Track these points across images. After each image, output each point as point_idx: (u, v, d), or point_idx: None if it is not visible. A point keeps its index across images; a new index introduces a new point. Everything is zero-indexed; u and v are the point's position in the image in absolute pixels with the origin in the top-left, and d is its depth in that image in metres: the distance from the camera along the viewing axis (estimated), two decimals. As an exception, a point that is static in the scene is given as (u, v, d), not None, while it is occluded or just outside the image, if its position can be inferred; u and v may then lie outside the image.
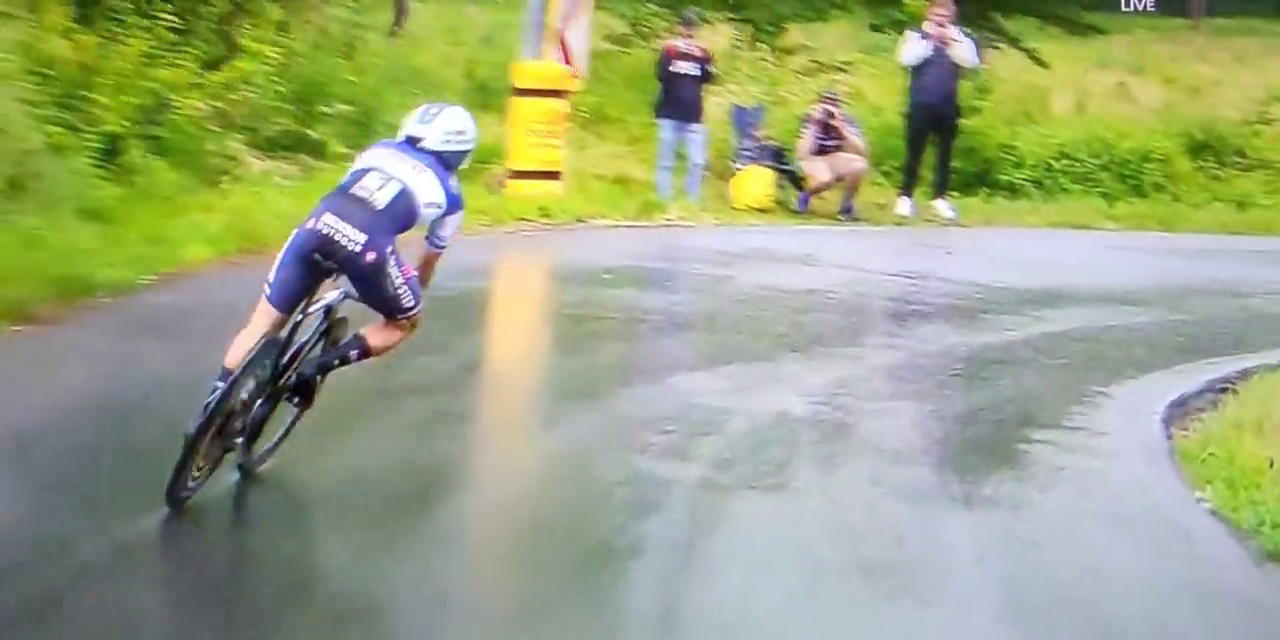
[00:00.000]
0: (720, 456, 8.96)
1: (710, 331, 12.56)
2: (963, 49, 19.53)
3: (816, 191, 19.32)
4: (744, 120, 20.16)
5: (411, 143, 7.80)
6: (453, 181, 7.83)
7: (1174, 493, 9.03)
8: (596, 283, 13.57)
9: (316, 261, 7.51)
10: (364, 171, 7.71)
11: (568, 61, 18.83)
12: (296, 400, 7.98)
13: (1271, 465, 9.28)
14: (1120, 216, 20.42)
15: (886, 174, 20.68)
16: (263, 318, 7.57)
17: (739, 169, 19.60)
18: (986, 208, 20.42)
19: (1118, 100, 27.20)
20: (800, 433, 9.70)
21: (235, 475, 7.75)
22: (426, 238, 7.98)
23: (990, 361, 12.01)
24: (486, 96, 19.62)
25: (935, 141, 19.89)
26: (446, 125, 7.86)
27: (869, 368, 11.63)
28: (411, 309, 7.78)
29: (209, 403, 7.22)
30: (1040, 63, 25.44)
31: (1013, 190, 21.48)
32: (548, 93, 17.71)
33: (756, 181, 19.41)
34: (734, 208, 19.05)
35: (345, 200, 7.59)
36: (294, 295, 7.61)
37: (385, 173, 7.66)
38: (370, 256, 7.47)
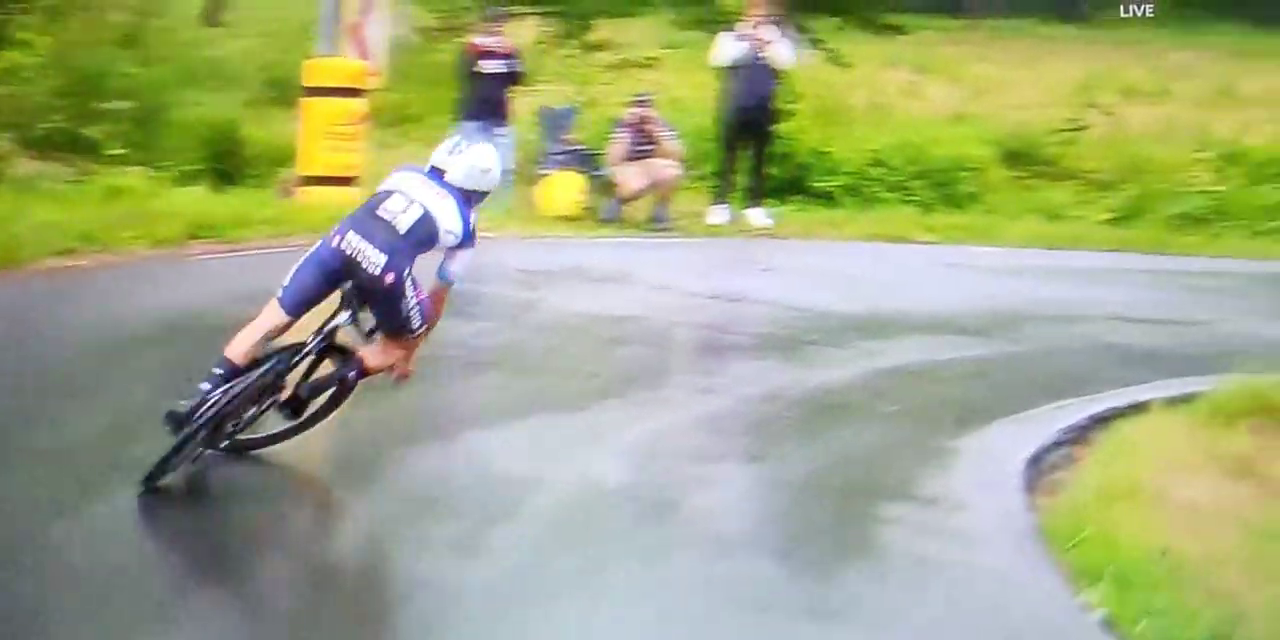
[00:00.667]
0: (520, 550, 7.06)
1: (513, 371, 10.52)
2: (779, 50, 17.75)
3: (629, 200, 17.44)
4: (553, 122, 18.19)
5: (436, 173, 7.77)
6: (472, 216, 7.81)
7: (1055, 594, 7.25)
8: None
9: (335, 278, 7.53)
10: (388, 193, 7.74)
11: (365, 58, 16.70)
12: (287, 413, 7.87)
13: (1164, 554, 7.61)
14: (937, 228, 18.64)
15: (700, 179, 18.87)
16: (269, 317, 7.54)
17: (547, 174, 17.65)
18: (802, 217, 18.60)
19: (910, 100, 25.79)
20: (616, 512, 7.83)
21: None
22: (437, 272, 7.91)
23: (824, 408, 10.20)
24: (286, 92, 17.53)
25: (750, 147, 18.13)
26: (472, 161, 7.83)
27: (691, 417, 9.75)
28: (417, 330, 7.76)
29: (213, 400, 7.24)
30: (842, 64, 23.73)
31: (827, 198, 19.73)
32: (343, 92, 15.57)
33: (565, 188, 17.45)
34: (542, 216, 17.08)
35: (369, 220, 7.62)
36: (305, 302, 7.59)
37: (409, 196, 7.67)
38: (389, 278, 7.48)
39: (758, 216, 17.91)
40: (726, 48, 17.74)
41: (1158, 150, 21.46)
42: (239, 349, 7.41)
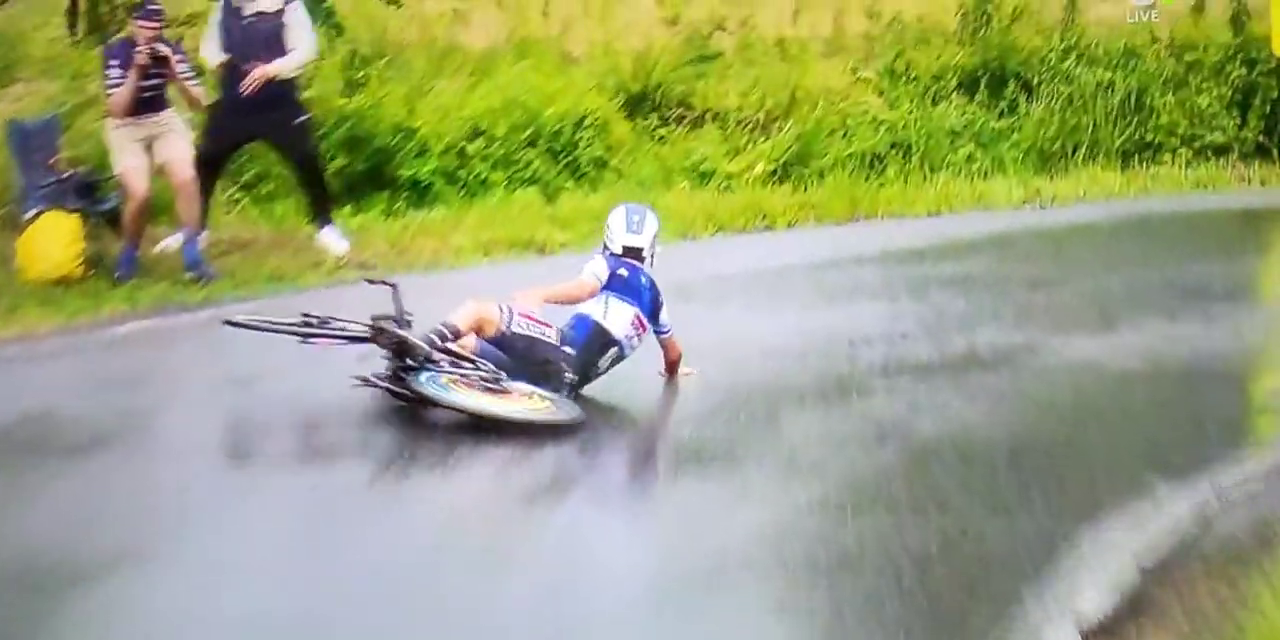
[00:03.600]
0: None
1: None
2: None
3: (137, 218, 10.88)
4: (28, 142, 11.51)
5: None
6: None
7: None
8: None
9: None
10: None
11: None
12: None
13: None
14: (571, 220, 12.69)
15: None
16: None
17: (30, 219, 11.08)
18: (393, 227, 12.47)
19: (461, 29, 19.62)
20: None
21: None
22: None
23: None
24: None
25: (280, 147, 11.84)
26: None
27: None
28: None
29: None
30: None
31: (419, 190, 13.66)
32: None
33: (56, 236, 10.86)
34: (25, 284, 10.54)
35: None
36: None
37: None
38: None
39: (331, 239, 11.73)
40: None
41: (809, 72, 15.87)
42: None
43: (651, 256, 7.96)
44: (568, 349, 7.56)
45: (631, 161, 14.43)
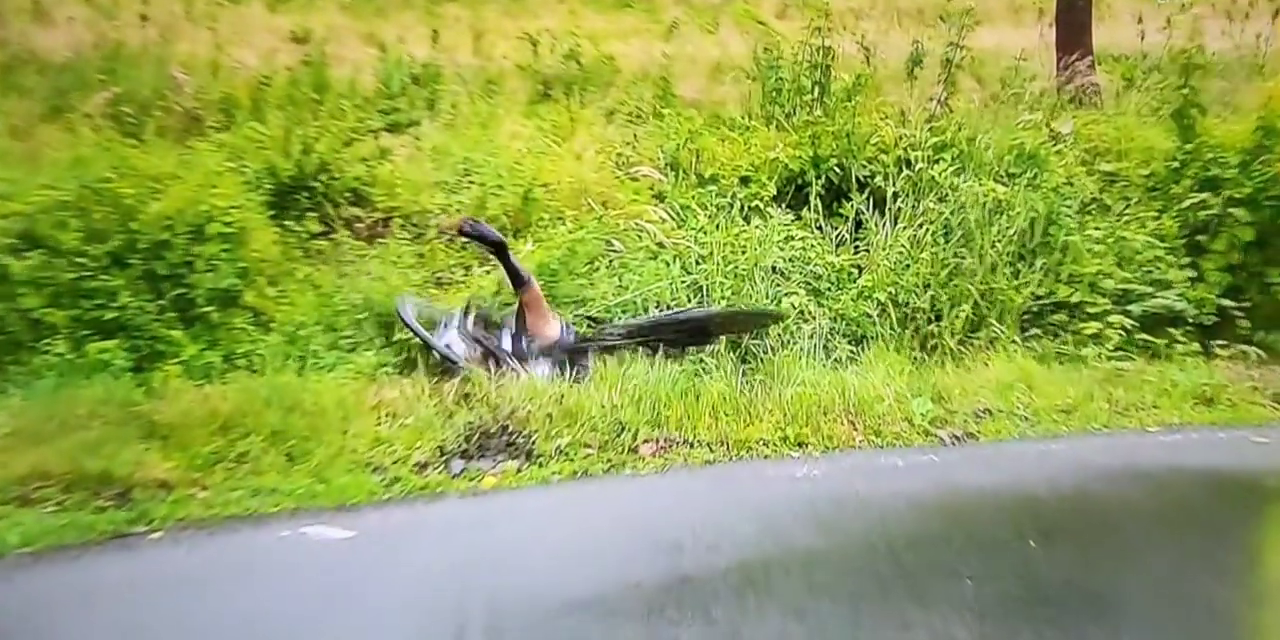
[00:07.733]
0: None
1: None
2: None
3: None
4: None
5: None
6: None
7: None
8: None
9: None
10: None
11: None
12: None
13: None
14: (173, 424, 7.25)
15: None
16: None
17: None
18: None
19: (40, 30, 14.70)
20: None
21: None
22: None
23: None
24: None
25: None
26: None
27: None
28: None
29: None
30: None
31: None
32: None
33: None
34: None
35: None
36: None
37: None
38: None
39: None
40: None
41: (544, 157, 10.74)
42: None
43: None
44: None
45: (278, 295, 9.07)
